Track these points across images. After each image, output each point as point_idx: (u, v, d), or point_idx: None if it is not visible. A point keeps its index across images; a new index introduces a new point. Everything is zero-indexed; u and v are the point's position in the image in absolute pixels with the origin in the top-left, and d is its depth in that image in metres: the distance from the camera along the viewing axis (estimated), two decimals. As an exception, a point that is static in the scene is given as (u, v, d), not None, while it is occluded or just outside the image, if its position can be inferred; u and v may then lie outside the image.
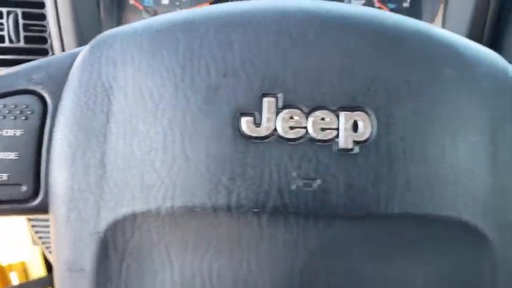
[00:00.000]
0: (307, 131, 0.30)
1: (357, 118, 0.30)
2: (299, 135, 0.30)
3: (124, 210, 0.30)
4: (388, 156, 0.30)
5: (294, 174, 0.30)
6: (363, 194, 0.30)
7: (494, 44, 0.70)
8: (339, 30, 0.32)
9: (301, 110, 0.30)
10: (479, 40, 0.69)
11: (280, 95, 0.30)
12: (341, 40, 0.31)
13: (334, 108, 0.30)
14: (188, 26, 0.32)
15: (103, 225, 0.30)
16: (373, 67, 0.31)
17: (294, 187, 0.29)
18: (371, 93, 0.31)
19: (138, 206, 0.30)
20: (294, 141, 0.30)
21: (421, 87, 0.31)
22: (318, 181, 0.30)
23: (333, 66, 0.31)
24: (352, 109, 0.30)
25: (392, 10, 0.78)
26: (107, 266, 0.31)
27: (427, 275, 0.31)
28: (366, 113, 0.30)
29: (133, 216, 0.30)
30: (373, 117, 0.30)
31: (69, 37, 0.69)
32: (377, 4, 0.79)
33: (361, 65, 0.31)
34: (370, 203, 0.30)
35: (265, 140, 0.30)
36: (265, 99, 0.30)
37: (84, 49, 0.33)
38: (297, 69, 0.31)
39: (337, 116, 0.30)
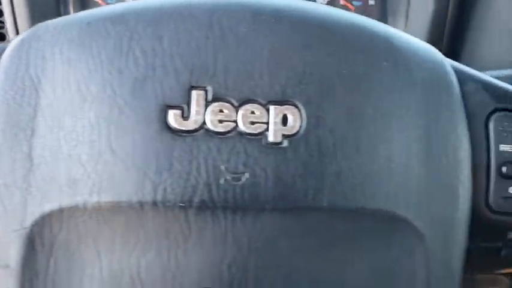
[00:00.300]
0: (236, 125, 0.30)
1: (286, 112, 0.30)
2: (228, 128, 0.30)
3: (51, 205, 0.30)
4: (318, 150, 0.30)
5: (222, 168, 0.29)
6: (291, 187, 0.29)
7: (454, 48, 0.70)
8: (271, 23, 0.31)
9: (231, 103, 0.30)
10: (438, 43, 0.69)
11: (209, 88, 0.30)
12: (273, 33, 0.31)
13: (264, 101, 0.30)
14: (119, 19, 0.31)
15: (29, 221, 0.30)
16: (304, 60, 0.31)
17: (222, 181, 0.29)
18: (302, 87, 0.30)
19: (65, 201, 0.29)
20: (223, 134, 0.30)
21: (354, 80, 0.31)
22: (247, 175, 0.29)
23: (264, 59, 0.31)
24: (282, 103, 0.30)
25: (357, 8, 0.78)
26: (33, 262, 0.30)
27: (360, 270, 0.31)
28: (296, 106, 0.30)
29: (60, 211, 0.29)
30: (303, 110, 0.30)
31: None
32: (342, 2, 0.79)
33: (292, 58, 0.31)
34: (299, 196, 0.29)
35: (194, 134, 0.29)
36: (194, 92, 0.30)
37: (14, 41, 0.32)
38: (228, 61, 0.30)
39: (267, 110, 0.30)
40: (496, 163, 0.33)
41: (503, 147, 0.33)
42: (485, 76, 0.35)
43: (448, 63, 0.34)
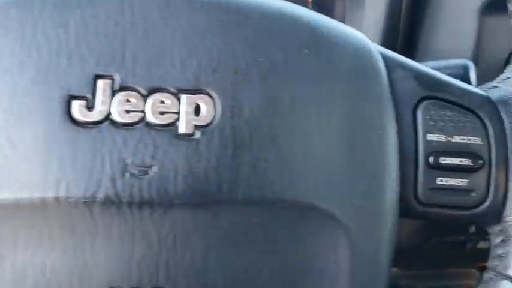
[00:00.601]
0: (144, 115, 0.28)
1: (199, 101, 0.29)
2: (136, 119, 0.28)
3: None
4: (233, 141, 0.28)
5: (128, 161, 0.28)
6: (204, 180, 0.28)
7: (411, 39, 0.69)
8: (185, 8, 0.30)
9: (139, 93, 0.28)
10: (395, 35, 0.68)
11: (116, 77, 0.28)
12: (187, 19, 0.30)
13: (175, 90, 0.29)
14: (23, 5, 0.30)
15: None
16: (220, 47, 0.29)
17: (127, 175, 0.28)
18: (216, 75, 0.29)
19: None
20: (130, 126, 0.28)
21: (271, 68, 0.30)
22: (155, 168, 0.28)
23: (176, 46, 0.29)
24: (194, 92, 0.29)
25: (314, 0, 0.77)
26: None
27: (279, 264, 0.30)
28: (210, 95, 0.29)
29: None
30: (217, 100, 0.29)
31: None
32: (299, -7, 0.77)
33: (206, 45, 0.29)
34: (212, 190, 0.28)
35: (98, 125, 0.28)
36: (100, 81, 0.28)
37: None
38: (137, 49, 0.29)
39: (179, 99, 0.29)
40: (424, 153, 0.32)
41: (431, 137, 0.32)
42: (416, 64, 0.34)
43: (377, 50, 0.33)
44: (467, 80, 0.46)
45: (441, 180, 0.32)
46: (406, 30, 0.68)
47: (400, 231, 0.82)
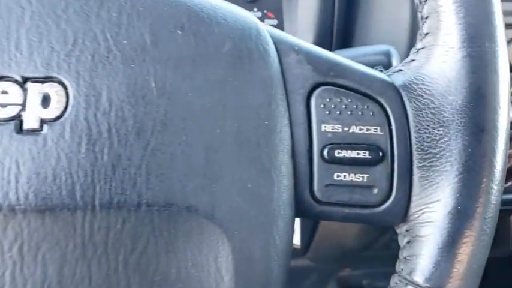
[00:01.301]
0: None
1: (48, 90, 0.25)
2: None
3: None
4: (88, 136, 0.24)
5: None
6: (51, 183, 0.24)
7: (346, 32, 0.66)
8: None
9: None
10: (329, 26, 0.65)
11: None
12: None
13: (20, 79, 0.25)
14: None
15: None
16: (75, 28, 0.25)
17: None
18: (70, 60, 0.25)
19: None
20: None
21: (138, 51, 0.26)
22: None
23: (24, 28, 0.25)
24: (43, 80, 0.25)
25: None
26: None
27: (150, 276, 0.26)
28: (62, 83, 0.25)
29: None
30: (70, 88, 0.25)
31: None
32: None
33: (60, 26, 0.25)
34: (62, 194, 0.24)
35: None
36: None
37: None
38: None
39: (25, 89, 0.24)
40: (318, 146, 0.28)
41: (325, 127, 0.28)
42: (315, 48, 0.30)
43: (266, 32, 0.29)
44: (389, 66, 0.43)
45: (338, 176, 0.28)
46: (341, 20, 0.65)
47: (346, 231, 0.79)
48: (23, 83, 0.25)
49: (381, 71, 0.41)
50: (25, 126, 0.24)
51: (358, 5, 0.64)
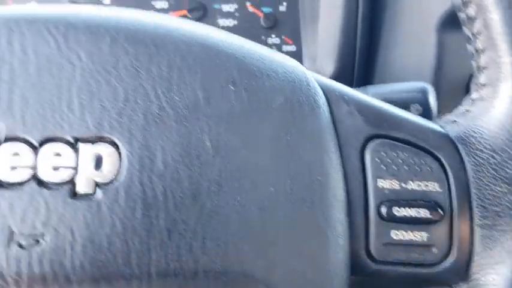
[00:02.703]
0: (36, 171, 0.23)
1: (101, 152, 0.24)
2: (24, 177, 0.23)
3: None
4: (143, 201, 0.23)
5: (14, 229, 0.23)
6: (107, 250, 0.23)
7: (369, 59, 0.66)
8: (87, 38, 0.25)
9: (29, 144, 0.23)
10: (351, 51, 0.64)
11: (1, 125, 0.23)
12: (88, 51, 0.25)
13: (72, 139, 0.24)
14: None
15: None
16: (126, 84, 0.24)
17: (14, 247, 0.22)
18: (122, 119, 0.24)
19: None
20: (17, 185, 0.23)
21: (191, 109, 0.25)
22: (47, 237, 0.23)
23: (75, 85, 0.24)
24: (95, 140, 0.24)
25: (267, 15, 0.72)
26: None
27: None
28: (114, 144, 0.24)
29: None
30: (123, 149, 0.24)
31: None
32: (251, 9, 0.73)
33: (110, 82, 0.24)
34: (117, 263, 0.23)
35: None
36: None
37: None
38: (27, 90, 0.24)
39: (76, 150, 0.23)
40: (375, 202, 0.27)
41: (382, 183, 0.27)
42: (362, 96, 0.29)
43: (316, 81, 0.28)
44: (426, 105, 0.42)
45: (396, 234, 0.27)
46: (364, 48, 0.64)
47: None
48: (74, 144, 0.24)
49: (418, 110, 0.41)
50: (78, 190, 0.23)
51: (382, 32, 0.63)
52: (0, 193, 0.23)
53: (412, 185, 0.27)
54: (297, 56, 0.73)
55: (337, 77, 0.65)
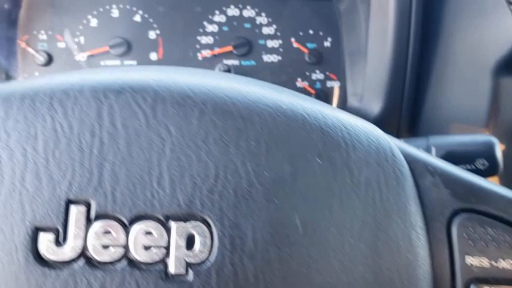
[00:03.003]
0: (127, 251, 0.23)
1: (192, 230, 0.23)
2: (116, 256, 0.23)
3: None
4: (234, 282, 0.23)
5: None
6: None
7: (417, 94, 0.65)
8: (175, 112, 0.25)
9: (120, 222, 0.23)
10: (400, 87, 0.63)
11: (92, 202, 0.23)
12: (177, 125, 0.24)
13: (163, 218, 0.23)
14: None
15: None
16: (216, 161, 0.24)
17: None
18: (213, 197, 0.24)
19: None
20: (109, 265, 0.23)
21: (279, 185, 0.24)
22: None
23: (165, 161, 0.24)
24: (187, 218, 0.23)
25: (312, 50, 0.72)
26: None
27: None
28: (206, 222, 0.23)
29: None
30: (215, 228, 0.23)
31: None
32: (296, 45, 0.73)
33: (200, 159, 0.24)
34: None
35: (71, 265, 0.22)
36: (73, 208, 0.23)
37: None
38: (117, 167, 0.24)
39: (168, 229, 0.23)
40: (463, 280, 0.26)
41: (470, 260, 0.26)
42: (445, 165, 0.28)
43: (399, 150, 0.28)
44: (493, 160, 0.41)
45: None
46: (412, 88, 0.64)
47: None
48: (165, 222, 0.23)
49: (485, 165, 0.40)
50: (170, 271, 0.23)
51: (432, 72, 0.63)
52: (92, 272, 0.22)
53: (503, 264, 0.26)
54: (342, 91, 0.73)
55: (384, 116, 0.64)
